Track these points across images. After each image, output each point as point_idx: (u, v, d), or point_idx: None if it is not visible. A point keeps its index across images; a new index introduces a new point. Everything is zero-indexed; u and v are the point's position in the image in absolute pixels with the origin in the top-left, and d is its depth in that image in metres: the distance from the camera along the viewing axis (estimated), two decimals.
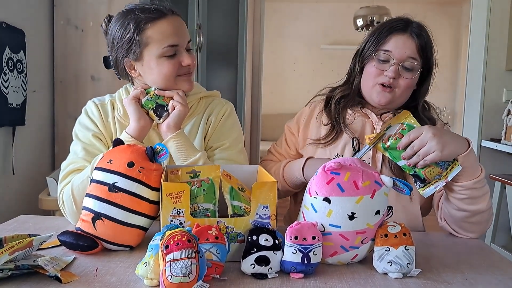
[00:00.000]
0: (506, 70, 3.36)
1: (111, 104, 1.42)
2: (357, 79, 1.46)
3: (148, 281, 0.88)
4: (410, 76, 1.37)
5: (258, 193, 1.00)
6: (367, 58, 1.42)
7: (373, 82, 1.40)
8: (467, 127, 3.60)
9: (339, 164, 0.99)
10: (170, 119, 1.29)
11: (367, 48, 1.43)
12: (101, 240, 1.05)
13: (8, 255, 0.87)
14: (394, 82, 1.36)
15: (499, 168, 3.36)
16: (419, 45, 1.37)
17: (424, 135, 1.17)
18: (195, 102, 1.45)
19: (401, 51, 1.36)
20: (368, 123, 1.44)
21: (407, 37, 1.37)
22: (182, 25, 1.35)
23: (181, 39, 1.32)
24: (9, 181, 2.24)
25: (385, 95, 1.38)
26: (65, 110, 2.60)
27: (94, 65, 2.55)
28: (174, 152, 1.28)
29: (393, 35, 1.38)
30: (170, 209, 0.98)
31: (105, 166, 1.06)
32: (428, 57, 1.40)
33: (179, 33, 1.32)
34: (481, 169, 1.23)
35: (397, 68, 1.36)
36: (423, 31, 1.39)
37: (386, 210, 1.03)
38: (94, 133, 1.37)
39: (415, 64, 1.36)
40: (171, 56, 1.31)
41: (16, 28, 2.21)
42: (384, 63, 1.38)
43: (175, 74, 1.32)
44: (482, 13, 3.40)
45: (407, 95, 1.42)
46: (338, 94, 1.49)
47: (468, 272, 1.02)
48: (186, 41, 1.34)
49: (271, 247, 0.96)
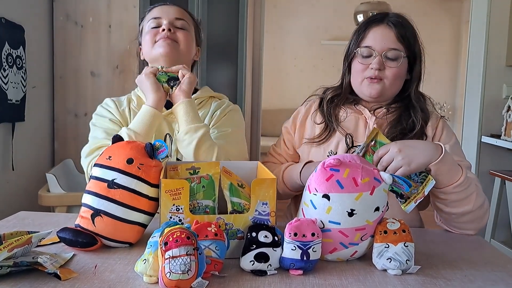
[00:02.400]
0: (506, 66, 3.36)
1: (127, 99, 1.55)
2: (346, 78, 1.48)
3: (147, 278, 0.88)
4: (395, 65, 1.37)
5: (257, 190, 1.00)
6: (352, 56, 1.44)
7: (361, 77, 1.41)
8: (467, 123, 3.60)
9: (338, 161, 0.99)
10: (183, 85, 1.38)
11: (350, 48, 1.45)
12: (100, 236, 1.04)
13: (7, 252, 0.87)
14: (381, 74, 1.37)
15: (499, 164, 3.36)
16: (398, 34, 1.37)
17: (390, 151, 1.18)
18: (205, 99, 1.56)
19: (381, 42, 1.37)
20: (361, 119, 1.44)
21: (384, 27, 1.38)
22: (174, 8, 1.53)
23: (165, 13, 1.50)
24: (8, 177, 2.24)
25: (375, 87, 1.39)
26: (64, 106, 2.60)
27: (94, 61, 2.55)
28: (182, 116, 1.35)
29: (371, 28, 1.40)
30: (169, 205, 0.98)
31: (104, 162, 1.06)
32: (411, 44, 1.40)
33: (164, 10, 1.51)
34: (461, 173, 1.21)
35: (381, 59, 1.37)
36: (401, 19, 1.40)
37: (386, 207, 1.03)
38: (110, 118, 1.47)
39: (398, 52, 1.37)
40: (154, 28, 1.49)
41: (15, 24, 2.21)
42: (367, 58, 1.39)
43: (153, 40, 1.48)
44: (483, 9, 3.39)
45: (398, 85, 1.43)
46: (329, 94, 1.50)
47: (467, 268, 1.02)
48: (172, 16, 1.50)
49: (271, 243, 0.96)
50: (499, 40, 3.34)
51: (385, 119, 1.42)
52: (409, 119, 1.39)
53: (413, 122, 1.39)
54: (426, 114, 1.43)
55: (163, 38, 1.46)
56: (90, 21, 2.52)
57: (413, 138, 1.36)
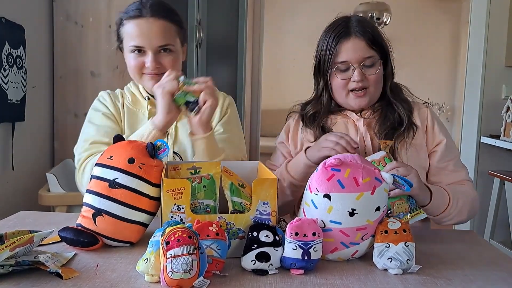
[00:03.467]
0: (506, 66, 3.36)
1: (120, 93, 1.53)
2: (325, 94, 1.46)
3: (149, 277, 0.89)
4: (375, 71, 1.38)
5: (258, 190, 1.00)
6: (326, 73, 1.42)
7: (345, 91, 1.40)
8: (466, 123, 3.60)
9: (339, 161, 0.99)
10: (202, 114, 1.28)
11: (322, 63, 1.43)
12: (101, 236, 1.05)
13: (9, 251, 0.87)
14: (364, 83, 1.38)
15: (498, 164, 3.36)
16: (368, 41, 1.37)
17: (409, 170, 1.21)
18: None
19: (355, 55, 1.36)
20: (350, 122, 1.44)
21: (353, 39, 1.37)
22: (155, 28, 1.39)
23: (147, 42, 1.38)
24: (8, 177, 2.24)
25: (362, 99, 1.40)
26: (64, 106, 2.59)
27: (94, 61, 2.55)
28: (201, 152, 1.31)
29: (341, 44, 1.38)
30: (170, 205, 0.99)
31: (105, 162, 1.06)
32: (381, 45, 1.41)
33: (146, 36, 1.38)
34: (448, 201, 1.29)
35: (360, 70, 1.37)
36: (364, 24, 1.40)
37: (386, 206, 1.03)
38: (104, 112, 1.46)
39: (373, 59, 1.38)
40: (138, 53, 1.40)
41: (15, 24, 2.21)
42: (346, 72, 1.38)
43: (140, 72, 1.42)
44: (482, 9, 3.39)
45: (381, 87, 1.43)
46: (309, 111, 1.48)
47: (467, 268, 1.02)
48: (155, 44, 1.38)
49: (272, 243, 0.96)
50: (498, 41, 3.35)
51: (372, 118, 1.43)
52: (394, 114, 1.41)
53: (399, 116, 1.40)
54: (408, 103, 1.45)
55: (151, 77, 1.41)
56: (90, 21, 2.51)
57: (404, 131, 1.38)
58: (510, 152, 3.28)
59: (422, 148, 1.41)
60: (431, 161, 1.41)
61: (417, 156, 1.39)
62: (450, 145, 1.43)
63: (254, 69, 4.67)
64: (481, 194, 3.38)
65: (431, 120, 1.44)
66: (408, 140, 1.38)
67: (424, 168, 1.40)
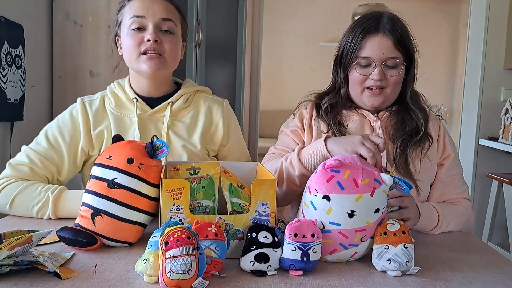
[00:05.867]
0: (504, 68, 3.37)
1: (101, 98, 1.46)
2: (343, 87, 1.44)
3: (148, 277, 0.88)
4: (396, 73, 1.35)
5: (257, 190, 1.00)
6: (348, 65, 1.40)
7: (360, 87, 1.38)
8: (465, 126, 3.60)
9: (339, 162, 0.99)
10: None
11: (345, 55, 1.41)
12: (100, 236, 1.04)
13: (8, 250, 0.87)
14: (382, 83, 1.35)
15: (496, 166, 3.37)
16: (395, 41, 1.34)
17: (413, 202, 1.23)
18: (191, 94, 1.51)
19: (379, 53, 1.34)
20: (366, 123, 1.42)
21: (381, 37, 1.34)
22: (159, 2, 1.36)
23: (149, 12, 1.34)
24: None
25: (376, 98, 1.37)
26: (63, 106, 2.57)
27: (93, 61, 2.54)
28: None
29: (367, 38, 1.35)
30: (169, 205, 0.98)
31: (104, 162, 1.06)
32: (408, 47, 1.38)
33: (148, 7, 1.34)
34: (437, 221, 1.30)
35: (381, 70, 1.34)
36: (395, 23, 1.37)
37: (386, 208, 1.03)
38: (62, 134, 1.42)
39: (397, 61, 1.35)
40: (136, 30, 1.34)
41: (14, 23, 2.20)
42: (366, 68, 1.36)
43: (137, 50, 1.35)
44: (481, 11, 3.40)
45: (398, 90, 1.41)
46: (325, 103, 1.45)
47: (466, 270, 1.02)
48: (158, 16, 1.35)
49: (271, 244, 0.96)
50: (497, 43, 3.35)
51: (389, 122, 1.41)
52: (412, 121, 1.39)
53: (417, 124, 1.38)
54: (425, 113, 1.43)
55: (149, 56, 1.34)
56: (89, 21, 2.51)
57: (419, 140, 1.36)
58: (509, 155, 3.29)
59: (434, 160, 1.39)
60: (437, 174, 1.41)
61: (430, 167, 1.38)
62: (456, 161, 1.42)
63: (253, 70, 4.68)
64: (479, 197, 3.39)
65: (443, 133, 1.44)
66: (423, 150, 1.36)
67: (431, 179, 1.40)
